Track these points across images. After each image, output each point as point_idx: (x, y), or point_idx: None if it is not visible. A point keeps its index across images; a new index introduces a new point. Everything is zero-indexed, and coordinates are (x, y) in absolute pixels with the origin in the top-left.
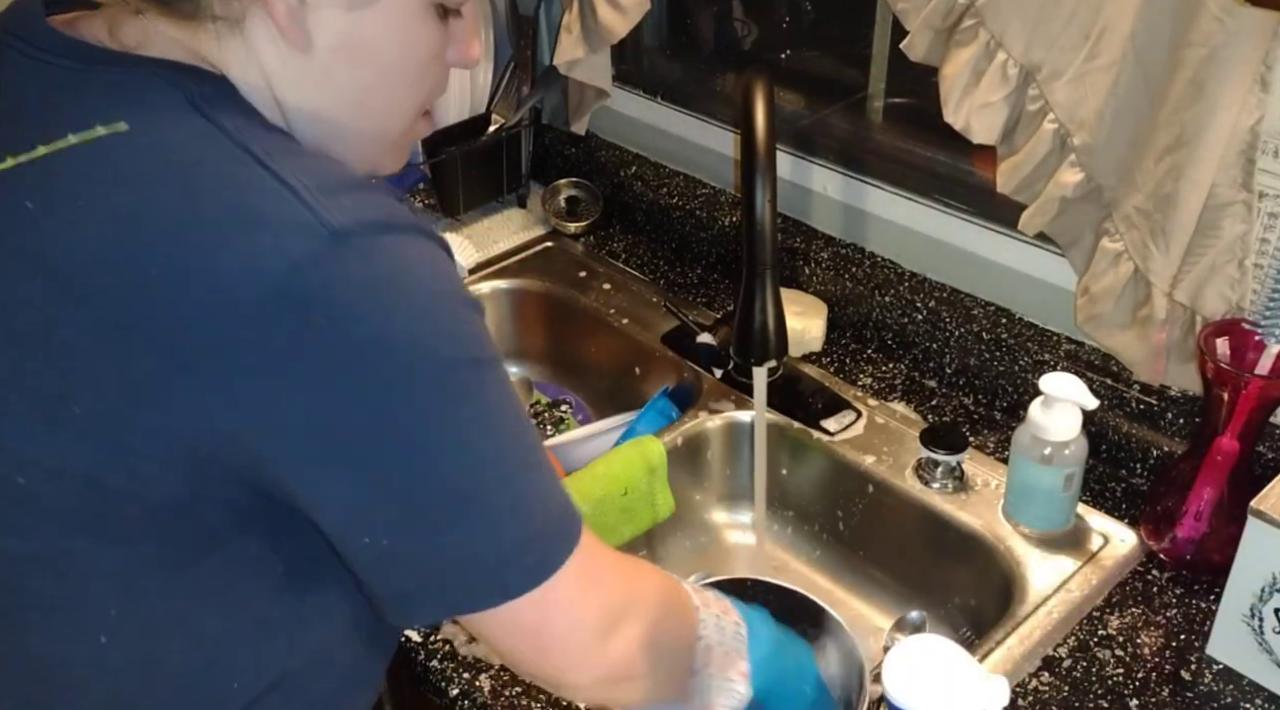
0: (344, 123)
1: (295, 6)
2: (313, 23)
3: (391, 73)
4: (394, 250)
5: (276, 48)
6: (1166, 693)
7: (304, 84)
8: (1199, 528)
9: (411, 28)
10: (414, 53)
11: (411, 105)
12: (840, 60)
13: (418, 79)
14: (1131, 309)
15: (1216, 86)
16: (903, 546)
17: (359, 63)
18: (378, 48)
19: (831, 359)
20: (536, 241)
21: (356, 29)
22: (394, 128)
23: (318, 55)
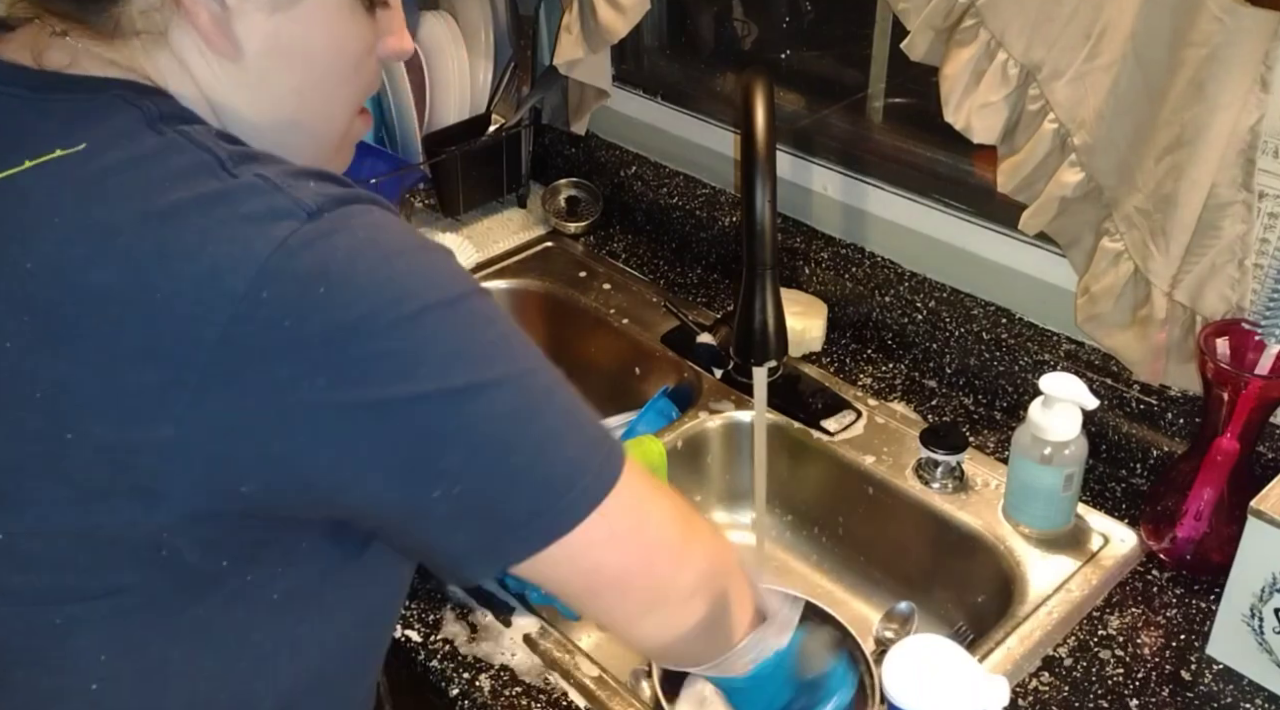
0: (283, 127)
1: (218, 14)
2: (239, 29)
3: (324, 71)
4: (366, 216)
5: (205, 58)
6: (1166, 693)
7: (238, 91)
8: (1199, 528)
9: (339, 24)
10: (345, 49)
11: (348, 103)
12: (840, 60)
13: (352, 75)
14: (1131, 309)
15: (1217, 86)
16: (903, 547)
17: (291, 65)
18: (308, 48)
19: (831, 359)
20: (536, 241)
21: (284, 31)
22: (334, 128)
23: (248, 61)
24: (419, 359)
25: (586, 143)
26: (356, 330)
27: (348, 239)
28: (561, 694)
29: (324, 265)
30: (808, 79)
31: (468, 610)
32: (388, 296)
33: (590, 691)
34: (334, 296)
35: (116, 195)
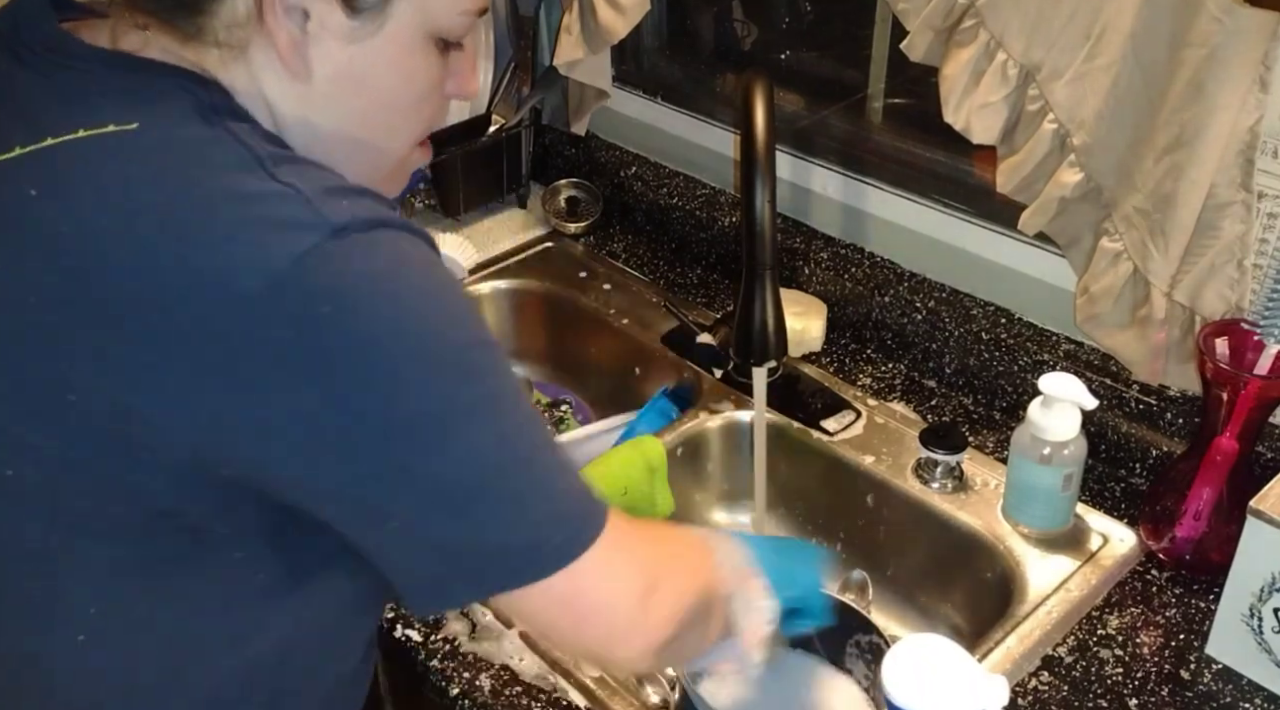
0: (341, 147)
1: (297, 37)
2: (313, 53)
3: (389, 102)
4: (392, 245)
5: (277, 74)
6: (1166, 692)
7: (302, 109)
8: (1198, 527)
9: (410, 60)
10: (412, 84)
11: (409, 134)
12: (840, 60)
13: (415, 109)
14: (1131, 309)
15: (1216, 87)
16: (902, 546)
17: (357, 92)
18: (376, 78)
19: (831, 359)
20: (536, 241)
21: (356, 60)
22: (391, 154)
23: (317, 84)
24: (401, 399)
25: (586, 143)
26: (349, 357)
27: (365, 264)
28: (562, 694)
29: (335, 286)
30: (807, 79)
31: (468, 610)
32: (388, 330)
33: (591, 691)
34: (336, 319)
35: (155, 176)
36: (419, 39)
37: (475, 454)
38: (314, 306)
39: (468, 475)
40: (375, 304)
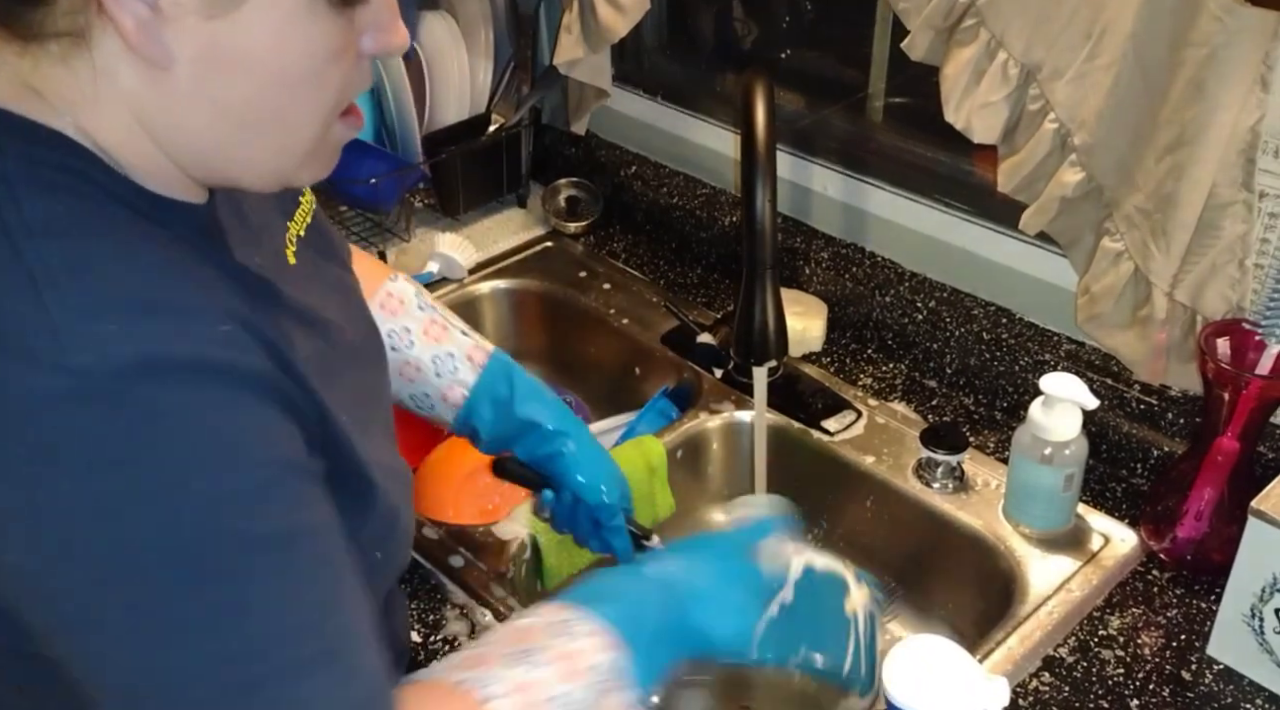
0: (229, 141)
1: (147, 18)
2: (170, 35)
3: (276, 81)
4: (147, 403)
5: (132, 68)
6: (1167, 693)
7: (171, 105)
8: (1199, 528)
9: (292, 30)
10: (303, 57)
11: (316, 113)
12: (840, 60)
13: (315, 84)
14: (1132, 309)
15: (1217, 86)
16: (903, 546)
17: (232, 75)
18: (253, 57)
19: (831, 359)
20: (536, 241)
21: (222, 39)
22: (299, 139)
23: (182, 71)
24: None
25: (586, 143)
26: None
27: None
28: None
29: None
30: (808, 79)
31: (468, 610)
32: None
33: None
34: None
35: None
36: (301, 3)
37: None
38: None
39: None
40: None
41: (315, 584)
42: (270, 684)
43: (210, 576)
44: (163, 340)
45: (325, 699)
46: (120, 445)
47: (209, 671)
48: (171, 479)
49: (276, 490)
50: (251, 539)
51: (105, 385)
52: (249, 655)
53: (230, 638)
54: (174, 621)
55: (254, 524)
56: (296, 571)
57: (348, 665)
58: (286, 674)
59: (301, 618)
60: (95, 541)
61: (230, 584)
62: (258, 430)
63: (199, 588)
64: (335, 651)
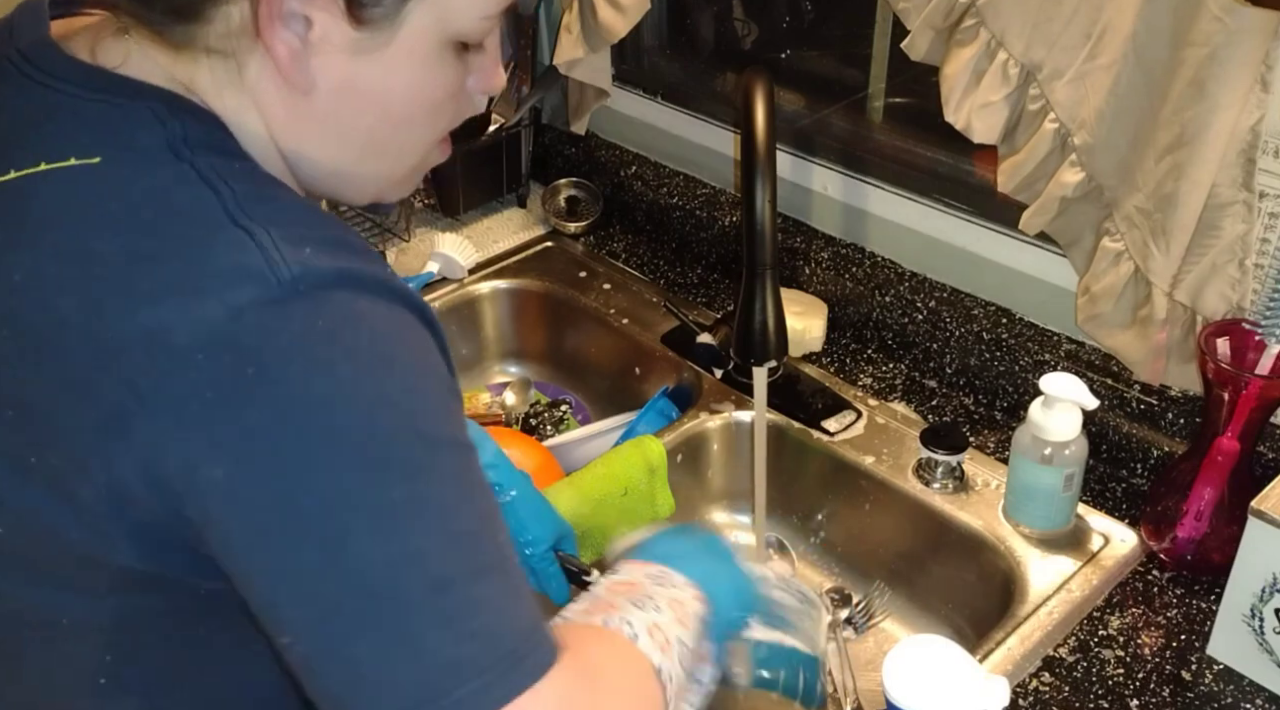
0: (347, 162)
1: (297, 48)
2: (315, 65)
3: (401, 115)
4: (347, 307)
5: (275, 87)
6: (1167, 693)
7: (303, 125)
8: (1199, 528)
9: (423, 71)
10: (426, 94)
11: (424, 142)
12: (840, 60)
13: (430, 117)
14: (1132, 309)
15: (1217, 86)
16: (903, 547)
17: (365, 107)
18: (386, 92)
19: (832, 359)
20: (536, 241)
21: (363, 74)
22: (405, 165)
23: (319, 97)
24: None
25: (586, 142)
26: (261, 428)
27: (304, 325)
28: None
29: (263, 346)
30: (808, 79)
31: None
32: (306, 404)
33: None
34: (257, 384)
35: (110, 222)
36: (435, 47)
37: (371, 567)
38: (239, 368)
39: (356, 589)
40: (301, 373)
41: (485, 496)
42: (457, 583)
43: (402, 472)
44: (353, 263)
45: (500, 607)
46: (328, 343)
47: (401, 566)
48: (368, 376)
49: (450, 402)
50: (437, 441)
51: (311, 291)
52: (438, 553)
53: (420, 533)
54: (369, 513)
55: (439, 428)
56: (471, 479)
57: (515, 580)
58: (470, 576)
59: (478, 524)
60: (297, 435)
61: (421, 481)
62: (431, 348)
63: (392, 482)
64: (505, 563)
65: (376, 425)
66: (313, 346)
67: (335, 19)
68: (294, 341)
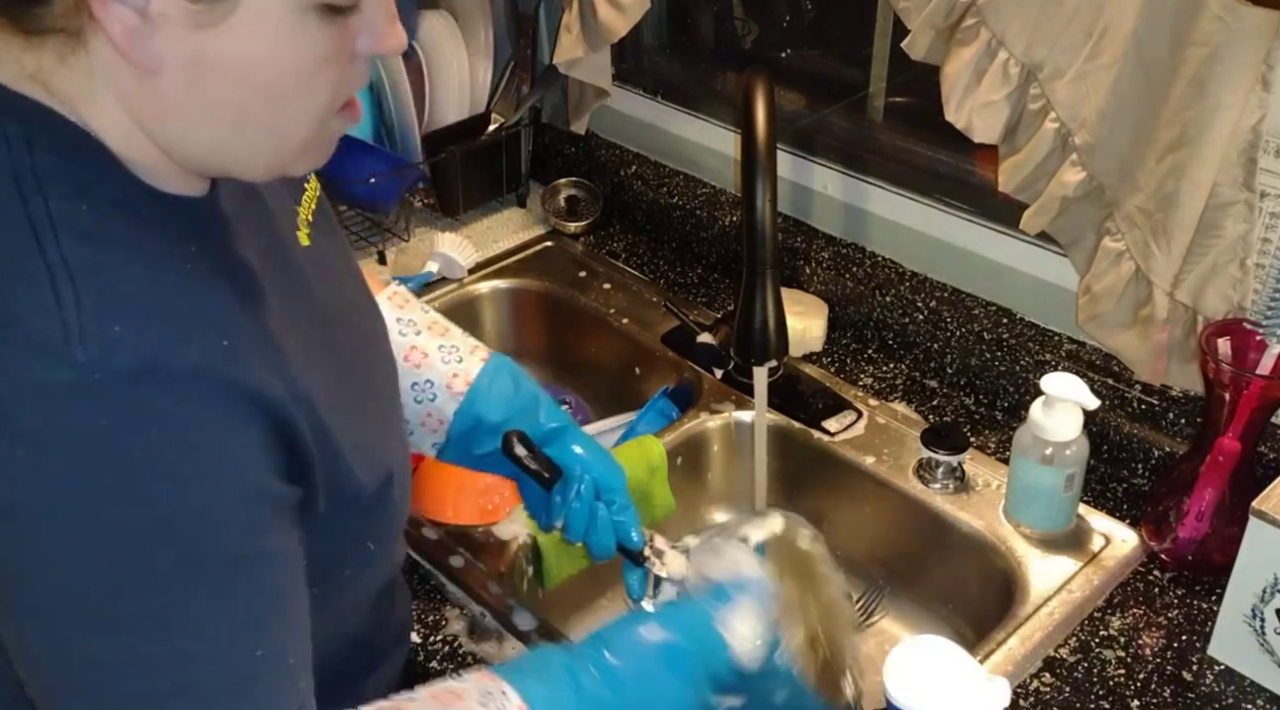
0: (222, 141)
1: (135, 26)
2: (160, 43)
3: (267, 90)
4: (135, 403)
5: (125, 69)
6: (1168, 693)
7: (163, 107)
8: (1200, 528)
9: (284, 40)
10: (293, 65)
11: (309, 115)
12: (841, 59)
13: (307, 90)
14: (1133, 309)
15: (1218, 86)
16: (903, 547)
17: (223, 83)
18: (243, 66)
19: (832, 359)
20: (536, 241)
21: (211, 48)
22: (292, 138)
23: (171, 77)
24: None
25: (586, 142)
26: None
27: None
28: None
29: (39, 433)
30: (808, 78)
31: (467, 610)
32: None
33: None
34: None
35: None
36: (291, 13)
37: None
38: (12, 445)
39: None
40: (69, 466)
41: (251, 613)
42: (174, 700)
43: (152, 584)
44: (166, 348)
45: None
46: (105, 440)
47: (125, 673)
48: (143, 484)
49: (241, 514)
50: (202, 557)
51: (104, 382)
52: (165, 668)
53: (154, 646)
54: (108, 617)
55: (209, 544)
56: (235, 598)
57: (255, 700)
58: (194, 695)
59: (226, 644)
60: (57, 526)
61: (169, 595)
62: (238, 452)
63: (139, 592)
64: (247, 684)
65: (139, 533)
66: (85, 446)
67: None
68: (65, 438)
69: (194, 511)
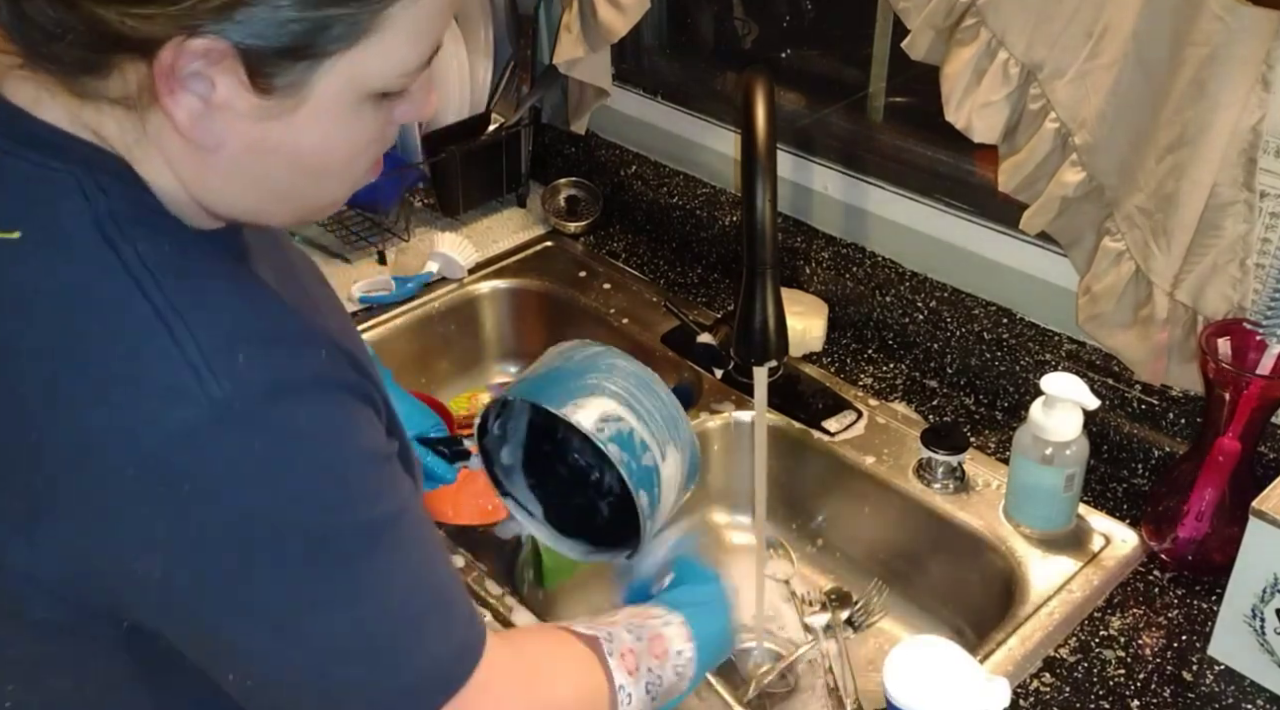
0: (266, 206)
1: (200, 112)
2: (221, 127)
3: (318, 169)
4: (279, 421)
5: (180, 143)
6: (1168, 693)
7: (212, 176)
8: (1200, 528)
9: (342, 126)
10: (344, 148)
11: (350, 183)
12: (841, 59)
13: (350, 164)
14: (1133, 309)
15: (1218, 86)
16: (903, 547)
17: (276, 162)
18: (300, 151)
19: (832, 359)
20: (536, 241)
21: (273, 135)
22: (328, 199)
23: (227, 154)
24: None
25: (586, 142)
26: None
27: (240, 445)
28: None
29: (196, 470)
30: (808, 78)
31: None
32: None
33: None
34: (192, 501)
35: (28, 312)
36: (351, 105)
37: (316, 647)
38: (175, 485)
39: (307, 668)
40: (235, 493)
41: (417, 548)
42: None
43: (343, 563)
44: (286, 367)
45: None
46: (262, 463)
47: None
48: (306, 485)
49: (384, 479)
50: (371, 524)
51: (246, 410)
52: (377, 619)
53: (362, 607)
54: (313, 605)
55: (372, 511)
56: (403, 542)
57: (449, 612)
58: (406, 629)
59: (412, 578)
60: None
61: (360, 565)
62: (366, 433)
63: (333, 574)
64: (438, 601)
65: (312, 528)
66: (247, 469)
67: (238, 87)
68: (227, 467)
69: (352, 494)
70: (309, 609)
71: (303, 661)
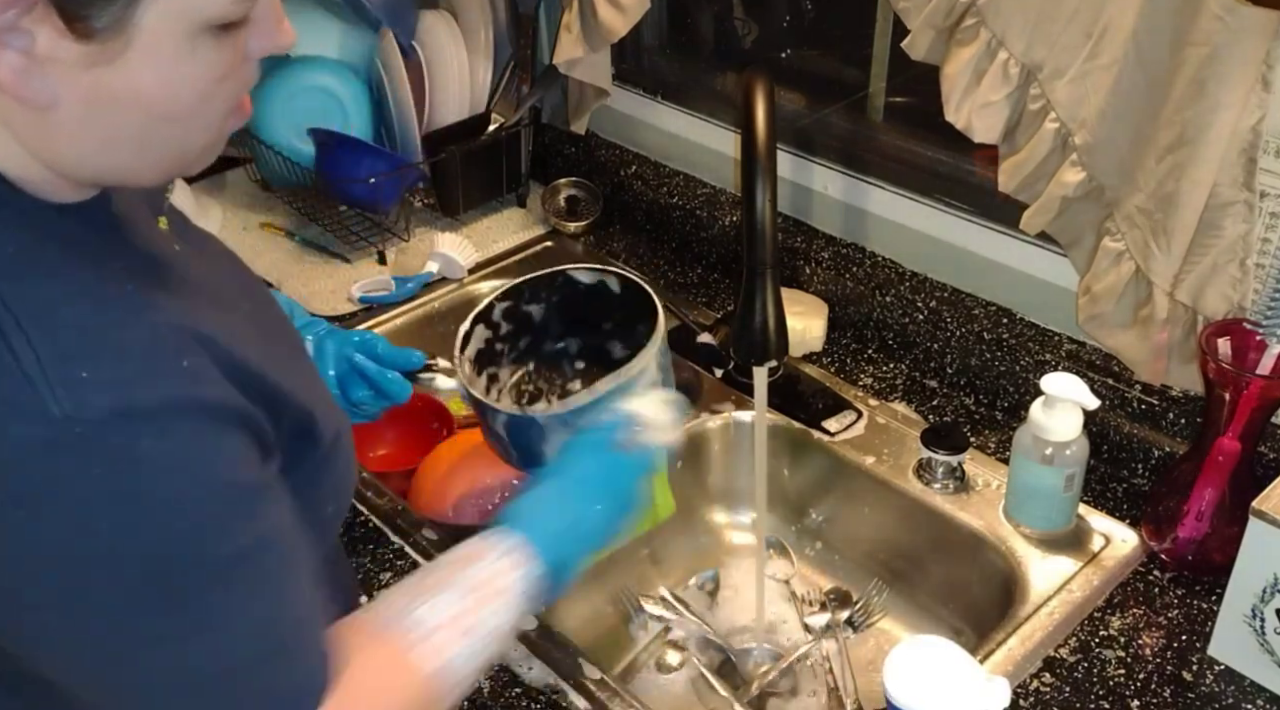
0: (121, 160)
1: (23, 66)
2: (54, 79)
3: (169, 112)
4: (120, 449)
5: (14, 103)
6: (1168, 693)
7: (59, 136)
8: (1200, 528)
9: (180, 66)
10: (192, 86)
11: (210, 124)
12: (841, 59)
13: (206, 105)
14: (1133, 309)
15: (1218, 86)
16: (903, 547)
17: (121, 111)
18: (141, 93)
19: (832, 359)
20: (536, 241)
21: (107, 81)
22: (194, 148)
23: (68, 110)
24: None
25: (586, 142)
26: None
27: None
28: (561, 694)
29: (30, 491)
30: (808, 78)
31: None
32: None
33: (590, 692)
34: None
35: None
36: (185, 39)
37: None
38: (10, 502)
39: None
40: (74, 514)
41: (269, 586)
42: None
43: (178, 600)
44: (134, 386)
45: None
46: (99, 490)
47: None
48: (143, 517)
49: (239, 512)
50: (216, 559)
51: (84, 433)
52: (209, 658)
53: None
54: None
55: (220, 546)
56: (252, 579)
57: (291, 659)
58: (238, 673)
59: (258, 617)
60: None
61: (194, 605)
62: (220, 462)
63: (167, 610)
64: (280, 646)
65: (155, 562)
66: (84, 494)
67: (57, 35)
68: (64, 490)
69: (195, 528)
70: (140, 642)
71: (133, 695)
